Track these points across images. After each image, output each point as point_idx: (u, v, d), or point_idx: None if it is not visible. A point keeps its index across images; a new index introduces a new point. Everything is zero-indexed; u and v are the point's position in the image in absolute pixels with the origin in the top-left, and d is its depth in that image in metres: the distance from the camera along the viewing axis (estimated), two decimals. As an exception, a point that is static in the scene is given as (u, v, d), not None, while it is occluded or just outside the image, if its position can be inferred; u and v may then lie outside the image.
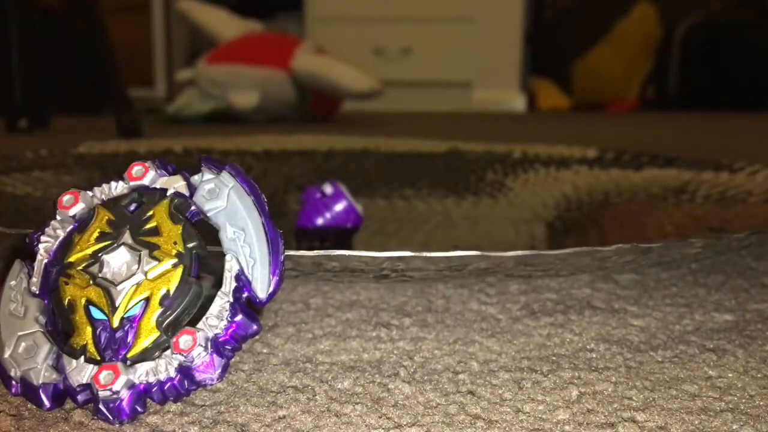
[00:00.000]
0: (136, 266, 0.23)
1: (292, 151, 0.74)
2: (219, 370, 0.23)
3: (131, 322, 0.23)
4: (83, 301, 0.23)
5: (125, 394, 0.22)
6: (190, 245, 0.24)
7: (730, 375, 0.27)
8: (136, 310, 0.23)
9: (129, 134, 1.23)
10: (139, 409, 0.22)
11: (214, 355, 0.23)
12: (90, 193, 0.25)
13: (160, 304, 0.23)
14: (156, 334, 0.23)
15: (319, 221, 0.46)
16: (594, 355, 0.28)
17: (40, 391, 0.23)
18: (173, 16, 2.27)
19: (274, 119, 1.64)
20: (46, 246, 0.25)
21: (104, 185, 0.26)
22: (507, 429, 0.23)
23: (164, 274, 0.23)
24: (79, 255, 0.24)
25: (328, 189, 0.47)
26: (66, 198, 0.25)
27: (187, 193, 0.25)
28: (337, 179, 0.49)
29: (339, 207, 0.47)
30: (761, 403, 0.24)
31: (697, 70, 2.46)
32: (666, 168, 0.63)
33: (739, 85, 2.40)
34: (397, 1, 2.38)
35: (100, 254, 0.24)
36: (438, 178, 0.68)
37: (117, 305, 0.23)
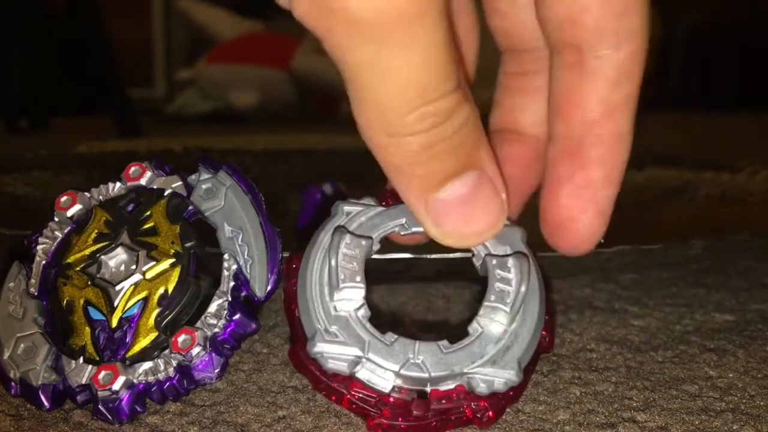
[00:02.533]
0: (134, 266, 0.23)
1: (292, 151, 0.74)
2: (218, 369, 0.23)
3: (130, 322, 0.23)
4: (82, 301, 0.23)
5: (124, 394, 0.22)
6: (188, 245, 0.24)
7: (730, 375, 0.27)
8: (135, 310, 0.23)
9: (128, 134, 1.23)
10: (139, 409, 0.22)
11: (213, 354, 0.23)
12: (87, 194, 0.25)
13: (159, 303, 0.23)
14: (155, 333, 0.23)
15: None
16: (594, 356, 0.28)
17: (40, 392, 0.23)
18: (173, 16, 2.27)
19: (274, 119, 1.64)
20: (44, 247, 0.25)
21: (102, 186, 0.25)
22: (507, 429, 0.23)
23: (162, 273, 0.23)
24: (78, 256, 0.24)
25: (327, 189, 0.47)
26: (63, 199, 0.25)
27: (184, 193, 0.25)
28: (337, 179, 0.49)
29: None
30: (762, 403, 0.24)
31: (697, 70, 2.46)
32: (666, 168, 0.63)
33: (739, 85, 2.39)
34: (397, 0, 2.38)
35: (98, 255, 0.24)
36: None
37: (115, 305, 0.23)
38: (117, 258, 0.24)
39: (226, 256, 0.23)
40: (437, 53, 0.18)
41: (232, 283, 0.23)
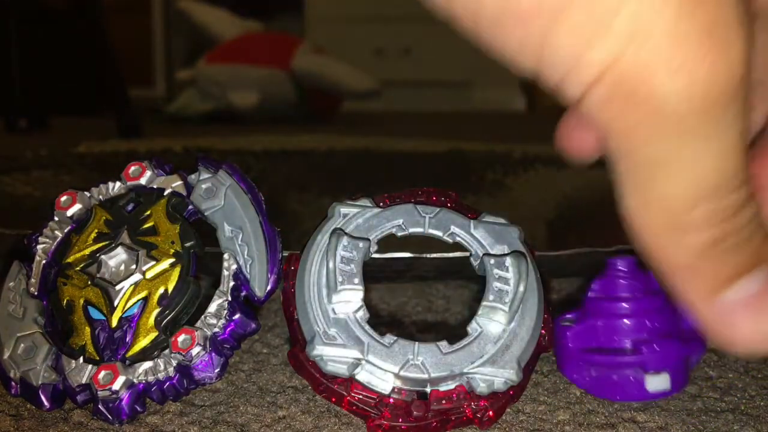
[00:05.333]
0: (134, 266, 0.23)
1: (292, 151, 0.74)
2: (218, 369, 0.23)
3: (130, 322, 0.23)
4: (82, 301, 0.23)
5: (124, 394, 0.22)
6: (188, 244, 0.24)
7: (730, 375, 0.27)
8: (135, 310, 0.23)
9: (128, 134, 1.23)
10: (139, 408, 0.22)
11: (213, 354, 0.23)
12: (87, 194, 0.25)
13: (159, 303, 0.23)
14: (155, 333, 0.23)
15: None
16: (594, 355, 0.28)
17: (40, 391, 0.23)
18: (173, 16, 2.27)
19: (274, 119, 1.64)
20: (44, 247, 0.25)
21: (101, 185, 0.25)
22: (507, 429, 0.23)
23: (162, 273, 0.23)
24: (78, 255, 0.24)
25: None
26: (63, 199, 0.25)
27: (184, 193, 0.25)
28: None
29: None
30: (762, 404, 0.24)
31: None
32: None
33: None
34: (397, 1, 2.38)
35: (98, 254, 0.24)
36: (438, 178, 0.68)
37: (115, 305, 0.23)
38: (117, 258, 0.24)
39: (226, 256, 0.23)
40: (736, 144, 0.16)
41: (232, 283, 0.23)
